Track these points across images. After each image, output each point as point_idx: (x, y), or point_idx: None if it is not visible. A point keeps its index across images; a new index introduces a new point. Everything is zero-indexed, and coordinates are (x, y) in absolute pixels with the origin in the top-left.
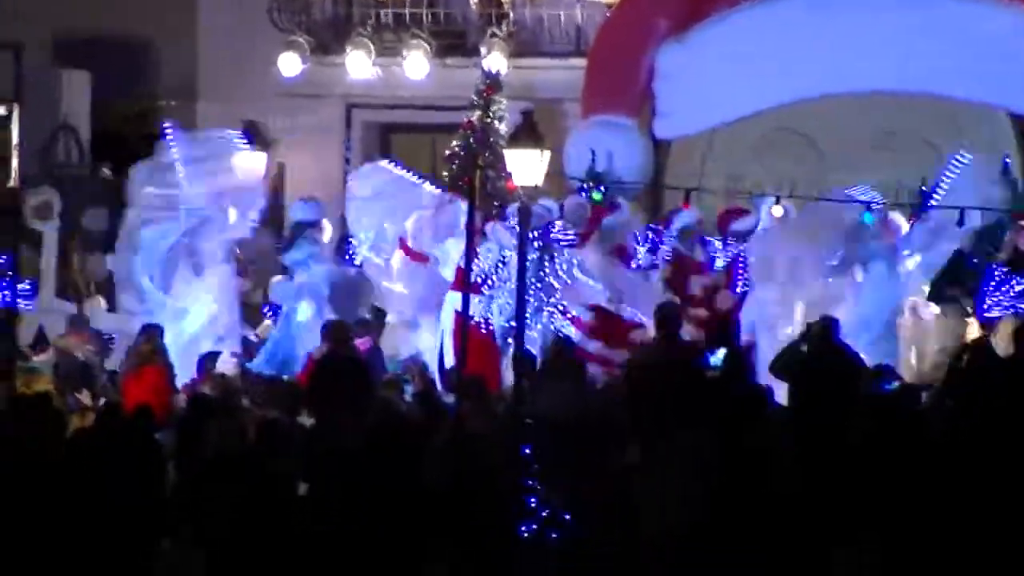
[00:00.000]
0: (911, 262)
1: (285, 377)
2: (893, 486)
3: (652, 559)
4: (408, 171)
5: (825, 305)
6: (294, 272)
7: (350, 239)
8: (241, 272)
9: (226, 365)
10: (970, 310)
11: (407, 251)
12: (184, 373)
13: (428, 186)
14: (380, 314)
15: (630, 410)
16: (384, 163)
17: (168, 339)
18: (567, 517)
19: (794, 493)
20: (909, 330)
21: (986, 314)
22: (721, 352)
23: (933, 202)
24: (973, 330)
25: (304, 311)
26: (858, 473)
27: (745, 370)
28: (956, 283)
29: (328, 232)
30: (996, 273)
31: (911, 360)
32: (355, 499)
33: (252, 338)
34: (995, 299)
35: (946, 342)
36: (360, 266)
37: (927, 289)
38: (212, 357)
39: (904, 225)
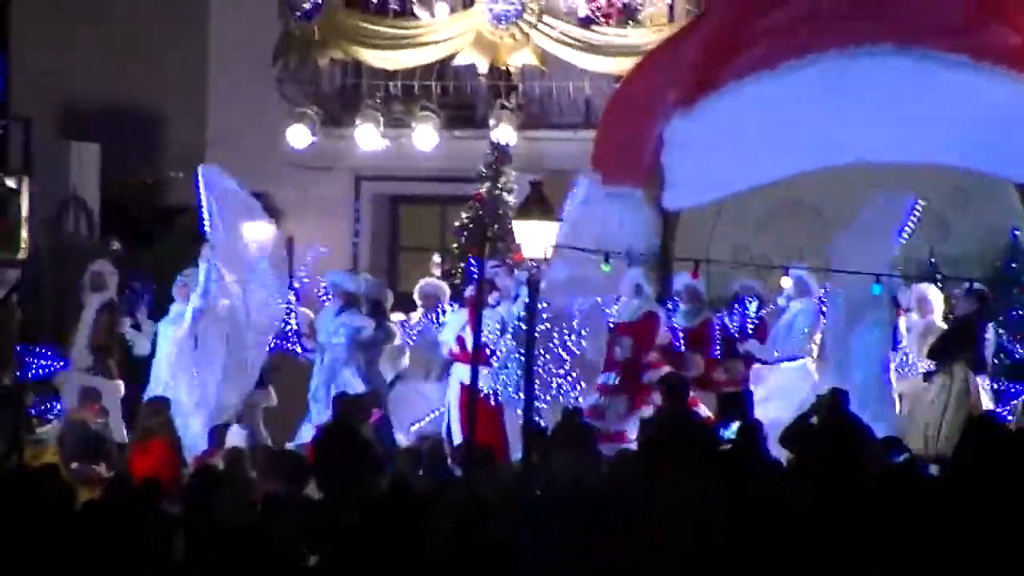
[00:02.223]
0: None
1: (290, 448)
2: (900, 557)
3: None
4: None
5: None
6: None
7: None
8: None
9: (236, 437)
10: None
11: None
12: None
13: None
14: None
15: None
16: None
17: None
18: None
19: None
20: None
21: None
22: (735, 425)
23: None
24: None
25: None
26: (865, 543)
27: (759, 443)
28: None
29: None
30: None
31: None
32: (362, 571)
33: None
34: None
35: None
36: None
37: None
38: (223, 428)
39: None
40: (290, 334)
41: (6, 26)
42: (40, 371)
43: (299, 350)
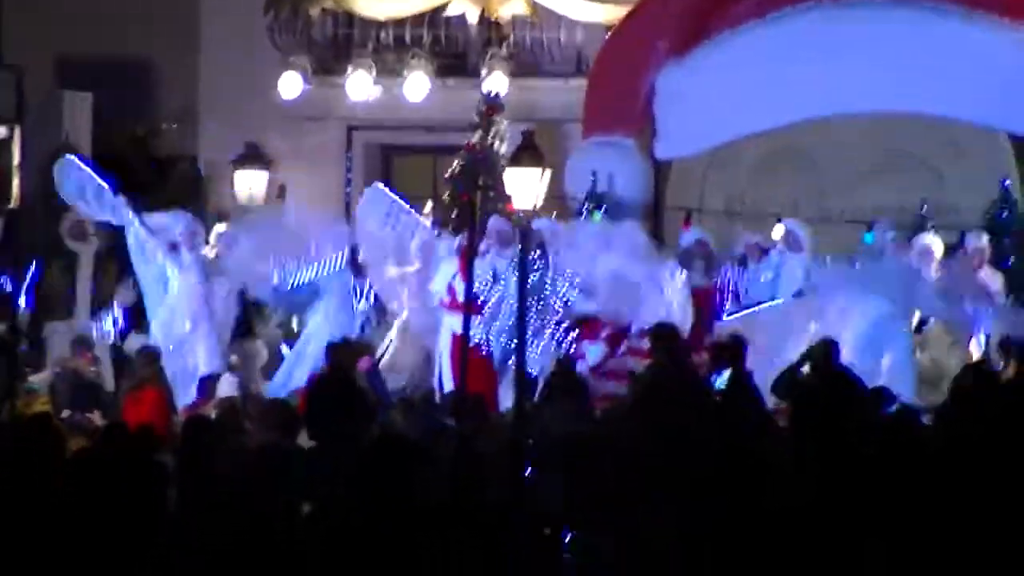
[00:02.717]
0: None
1: (281, 398)
2: (897, 507)
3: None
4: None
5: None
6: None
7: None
8: None
9: (228, 386)
10: None
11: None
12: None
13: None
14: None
15: (638, 432)
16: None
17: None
18: (568, 537)
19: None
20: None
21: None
22: (726, 374)
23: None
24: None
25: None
26: (862, 494)
27: (750, 393)
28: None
29: None
30: None
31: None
32: (355, 519)
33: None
34: None
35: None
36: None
37: None
38: (213, 378)
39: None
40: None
41: None
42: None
43: None
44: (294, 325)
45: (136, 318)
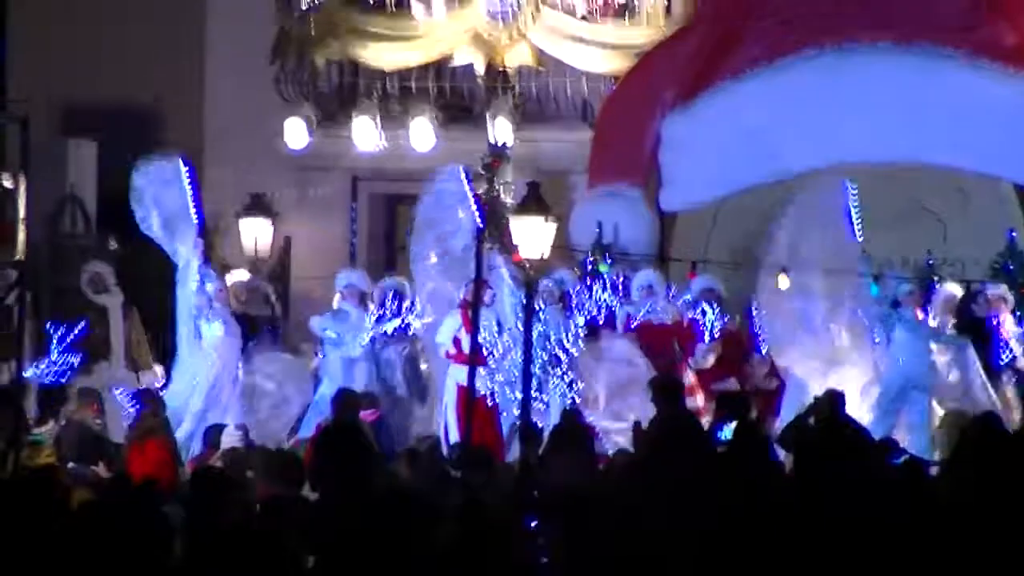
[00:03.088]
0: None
1: (286, 449)
2: (904, 557)
3: None
4: None
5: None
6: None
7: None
8: None
9: (231, 438)
10: None
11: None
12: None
13: None
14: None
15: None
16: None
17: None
18: None
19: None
20: None
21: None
22: (732, 425)
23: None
24: None
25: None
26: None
27: (757, 444)
28: None
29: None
30: None
31: None
32: (360, 573)
33: None
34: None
35: None
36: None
37: None
38: (217, 429)
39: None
40: None
41: (3, 24)
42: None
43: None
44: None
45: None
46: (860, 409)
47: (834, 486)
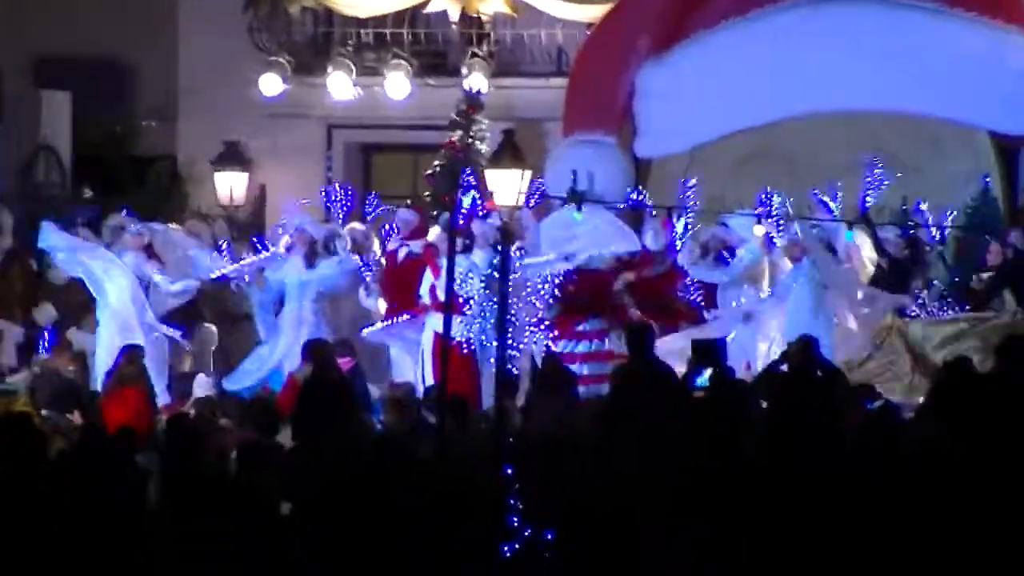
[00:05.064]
0: None
1: (259, 395)
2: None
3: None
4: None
5: None
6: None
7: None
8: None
9: (202, 387)
10: None
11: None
12: None
13: None
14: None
15: (615, 430)
16: None
17: None
18: (550, 536)
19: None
20: None
21: None
22: (707, 372)
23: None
24: None
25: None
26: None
27: (734, 391)
28: None
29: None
30: None
31: None
32: (338, 520)
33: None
34: None
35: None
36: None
37: None
38: (186, 377)
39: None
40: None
41: None
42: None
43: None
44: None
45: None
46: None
47: (807, 437)
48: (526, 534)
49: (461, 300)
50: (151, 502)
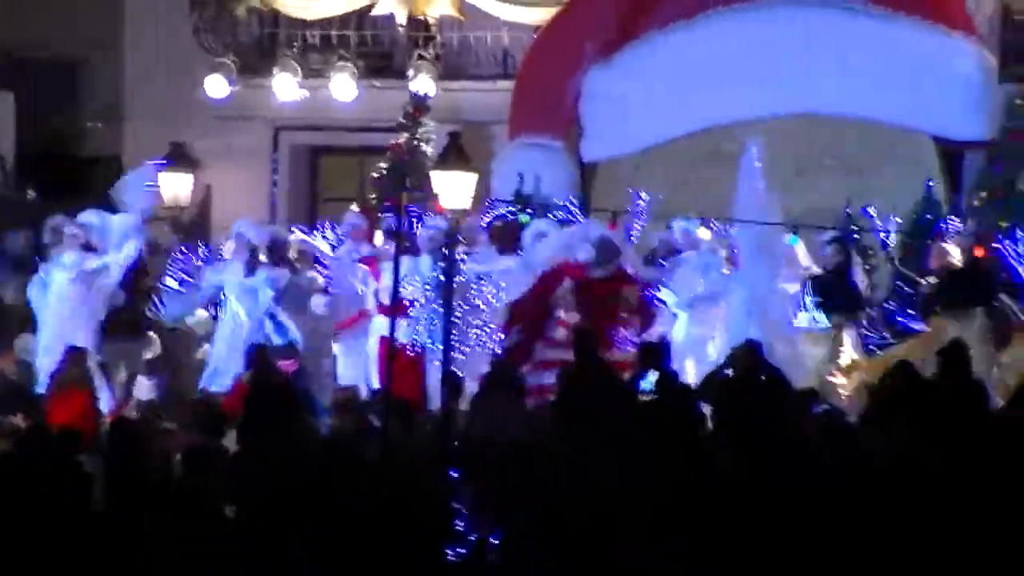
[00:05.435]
0: None
1: (204, 398)
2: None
3: None
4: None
5: None
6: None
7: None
8: None
9: (144, 389)
10: None
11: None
12: None
13: None
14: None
15: (563, 433)
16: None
17: None
18: (495, 541)
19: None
20: None
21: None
22: (652, 375)
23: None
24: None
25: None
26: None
27: (680, 392)
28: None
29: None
30: None
31: None
32: (283, 523)
33: None
34: None
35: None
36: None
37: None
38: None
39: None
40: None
41: None
42: None
43: None
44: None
45: None
46: None
47: (763, 442)
48: (471, 538)
49: (406, 303)
50: (95, 504)
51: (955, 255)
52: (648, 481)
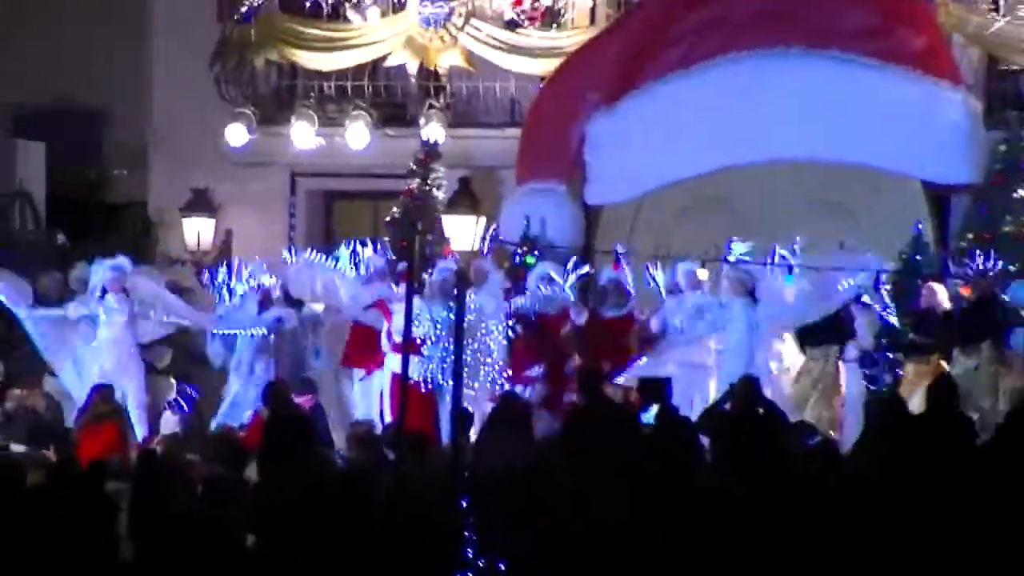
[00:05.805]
0: None
1: (225, 431)
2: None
3: None
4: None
5: None
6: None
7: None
8: None
9: (169, 423)
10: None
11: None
12: None
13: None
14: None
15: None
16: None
17: None
18: (502, 567)
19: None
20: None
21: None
22: (654, 409)
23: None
24: None
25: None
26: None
27: (681, 426)
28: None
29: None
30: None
31: None
32: (302, 551)
33: None
34: None
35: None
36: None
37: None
38: (156, 415)
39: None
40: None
41: None
42: None
43: None
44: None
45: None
46: None
47: (753, 469)
48: (479, 564)
49: (418, 341)
50: (121, 531)
51: (943, 296)
52: (658, 512)
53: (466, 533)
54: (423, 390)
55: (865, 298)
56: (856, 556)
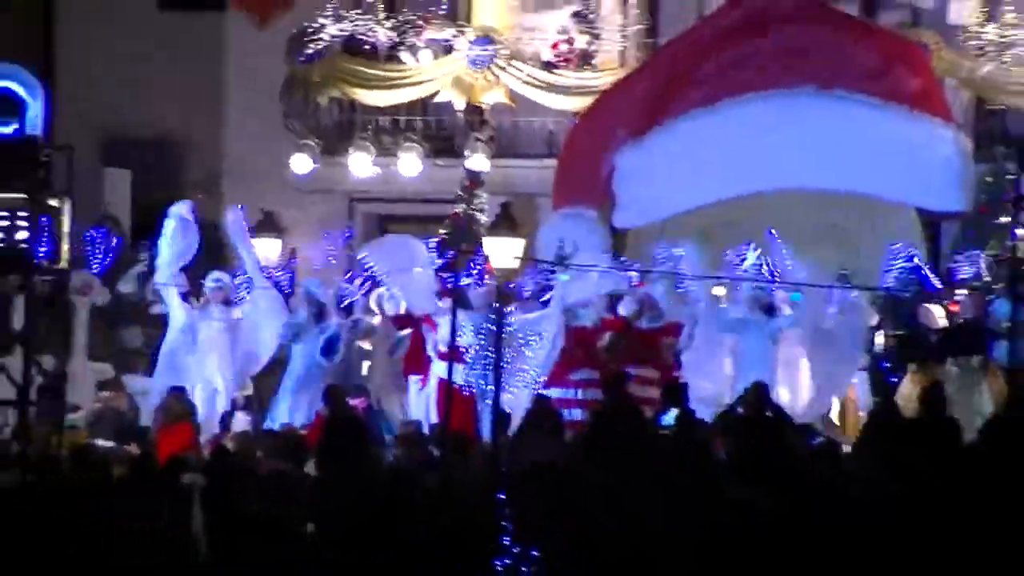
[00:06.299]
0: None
1: (288, 430)
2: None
3: None
4: None
5: None
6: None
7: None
8: None
9: (242, 422)
10: None
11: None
12: None
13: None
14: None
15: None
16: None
17: None
18: (534, 553)
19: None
20: None
21: None
22: (673, 412)
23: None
24: None
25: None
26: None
27: (699, 428)
28: None
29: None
30: None
31: None
32: (357, 539)
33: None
34: None
35: None
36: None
37: None
38: (228, 415)
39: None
40: None
41: (53, 69)
42: None
43: None
44: None
45: None
46: None
47: (762, 468)
48: (515, 550)
49: (461, 350)
50: (194, 520)
51: (938, 314)
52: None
53: (503, 523)
54: (466, 394)
55: None
56: (875, 562)
